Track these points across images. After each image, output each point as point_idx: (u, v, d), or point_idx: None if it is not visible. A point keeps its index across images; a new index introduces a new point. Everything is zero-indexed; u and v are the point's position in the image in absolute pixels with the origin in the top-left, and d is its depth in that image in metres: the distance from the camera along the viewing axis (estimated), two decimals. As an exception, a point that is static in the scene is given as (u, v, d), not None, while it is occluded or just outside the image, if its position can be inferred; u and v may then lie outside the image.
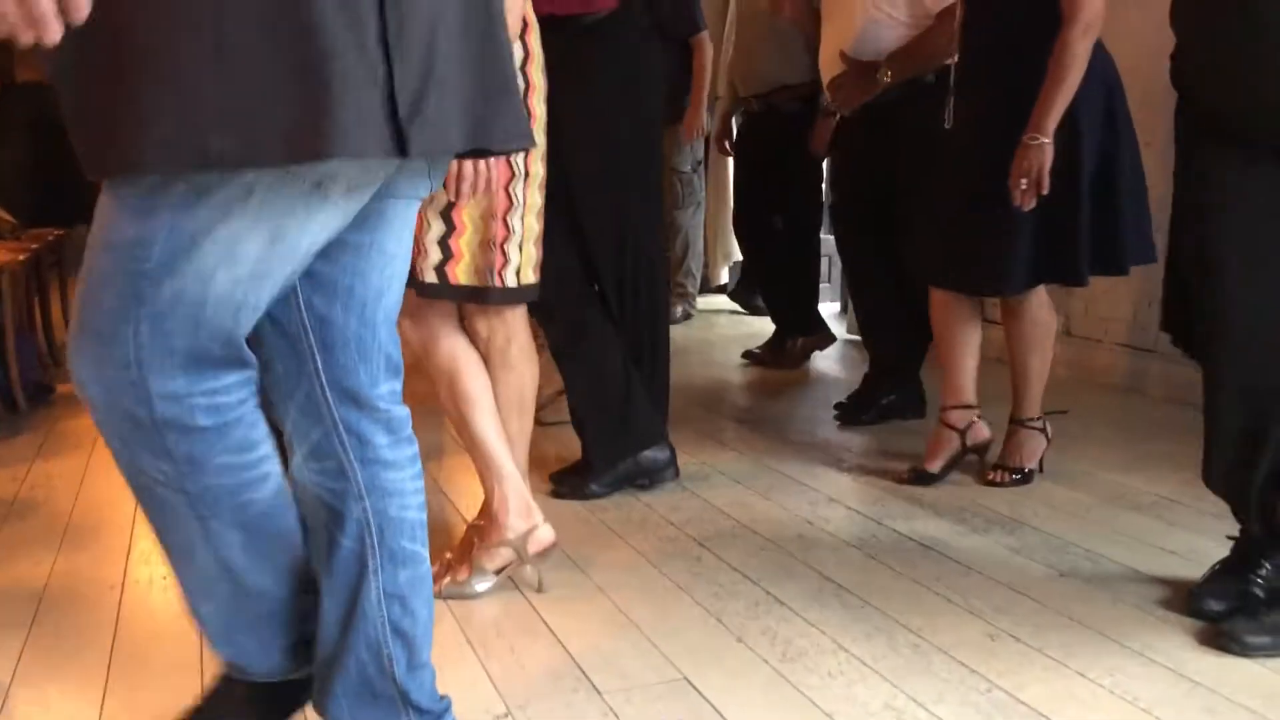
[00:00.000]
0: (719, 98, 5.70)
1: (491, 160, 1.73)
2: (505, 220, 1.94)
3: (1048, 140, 2.30)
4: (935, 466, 2.71)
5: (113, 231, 1.14)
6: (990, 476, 2.69)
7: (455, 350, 2.05)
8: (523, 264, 2.01)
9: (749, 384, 4.10)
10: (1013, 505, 2.57)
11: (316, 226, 1.19)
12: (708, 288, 6.15)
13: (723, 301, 5.96)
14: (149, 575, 2.23)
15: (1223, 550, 1.98)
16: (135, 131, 1.05)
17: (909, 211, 2.85)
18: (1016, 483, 2.67)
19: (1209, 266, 1.68)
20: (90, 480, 2.90)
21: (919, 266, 2.74)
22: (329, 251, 1.26)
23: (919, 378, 3.39)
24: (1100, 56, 2.39)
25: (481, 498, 2.14)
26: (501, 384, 2.09)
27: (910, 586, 2.11)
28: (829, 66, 3.16)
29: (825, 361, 4.36)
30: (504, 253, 1.95)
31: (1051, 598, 2.04)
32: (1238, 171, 1.64)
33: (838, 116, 3.34)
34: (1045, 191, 2.32)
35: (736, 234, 4.50)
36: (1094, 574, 2.16)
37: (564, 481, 2.69)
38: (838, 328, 4.64)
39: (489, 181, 1.74)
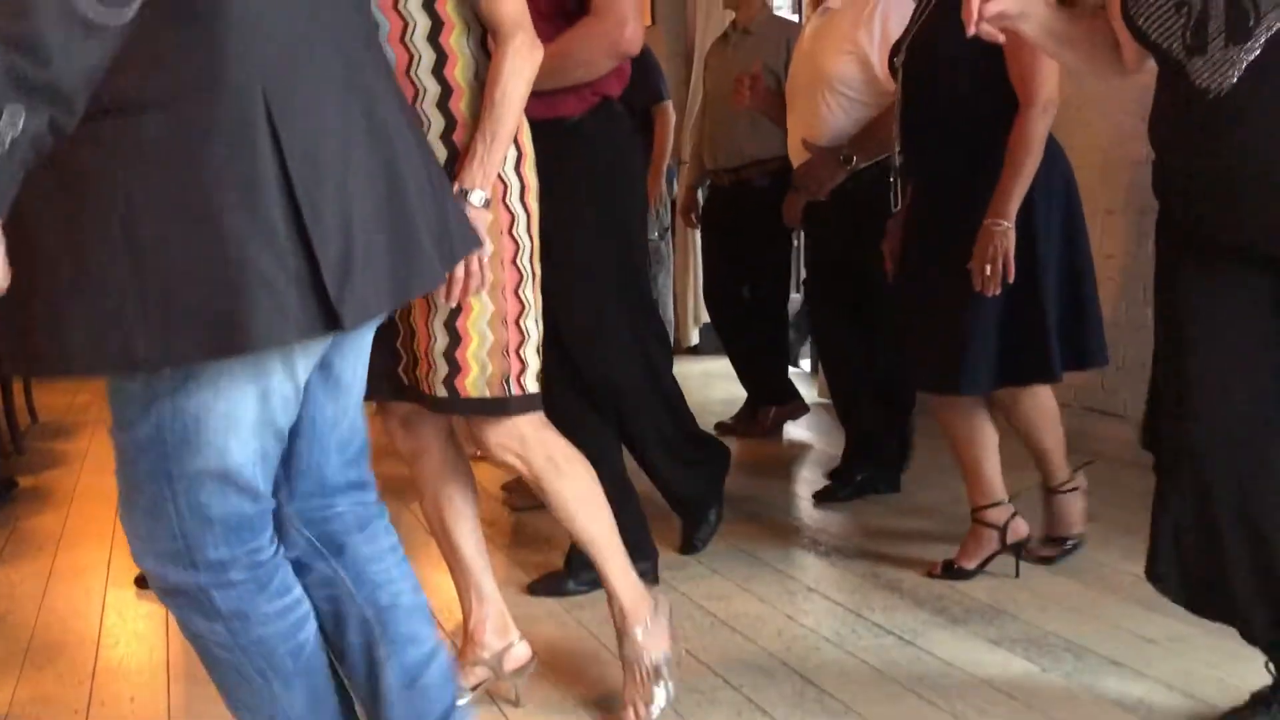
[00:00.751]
0: (682, 163, 5.76)
1: (486, 260, 1.73)
2: (519, 324, 1.85)
3: (1009, 224, 2.29)
4: (971, 564, 2.63)
5: (128, 421, 1.24)
6: (1043, 554, 2.66)
7: (445, 461, 2.02)
8: (539, 368, 1.91)
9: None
10: (990, 591, 2.56)
11: (300, 370, 1.29)
12: (679, 349, 6.16)
13: (692, 364, 5.96)
14: (115, 695, 2.17)
15: (1207, 637, 1.97)
16: (59, 337, 1.14)
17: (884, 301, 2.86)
18: (1069, 553, 2.67)
19: (1185, 392, 1.67)
20: (54, 588, 2.84)
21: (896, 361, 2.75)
22: None
23: (895, 451, 3.38)
24: (1054, 149, 2.41)
25: (454, 595, 2.10)
26: (559, 495, 1.92)
27: (892, 689, 2.09)
28: (797, 153, 3.18)
29: (797, 429, 4.35)
30: (520, 358, 1.85)
31: (1034, 698, 2.02)
32: (1218, 295, 1.63)
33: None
34: (1011, 279, 2.31)
35: (706, 303, 4.50)
36: (1075, 669, 2.14)
37: (541, 578, 2.66)
38: (809, 391, 4.64)
39: (490, 283, 1.75)
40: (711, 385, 5.46)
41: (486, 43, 1.77)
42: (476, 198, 1.72)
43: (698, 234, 5.87)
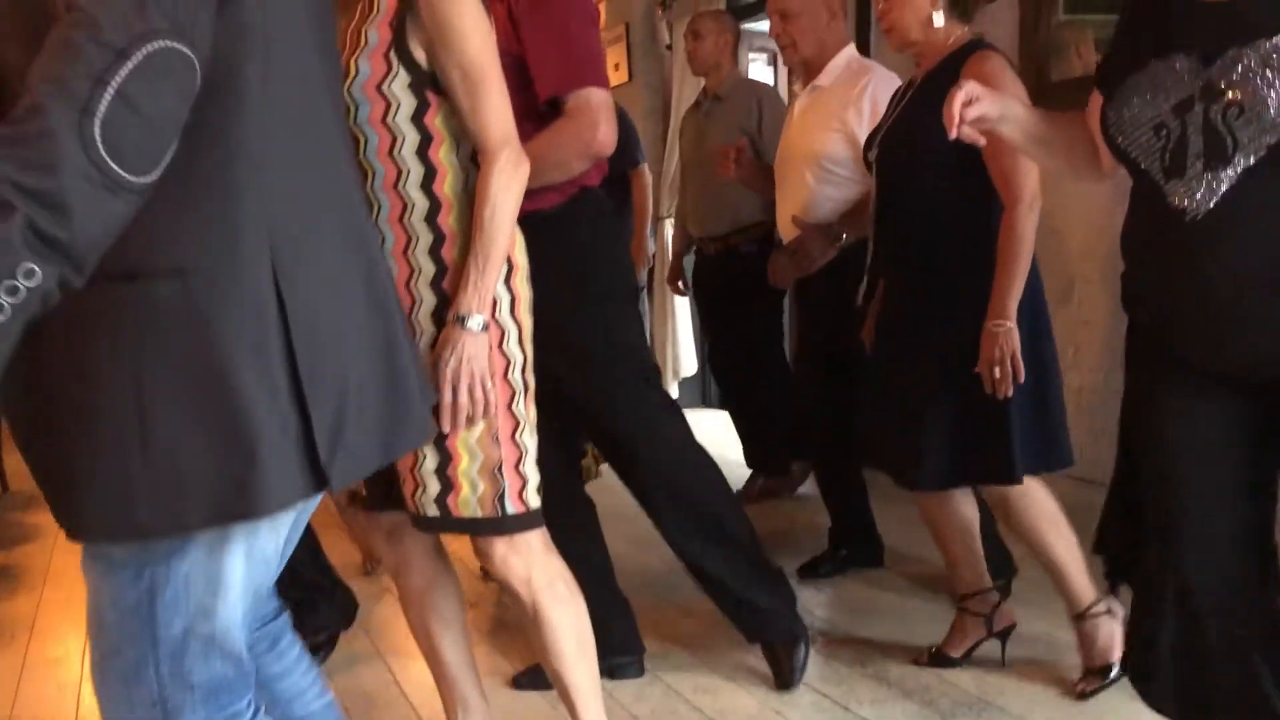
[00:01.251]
0: (659, 218, 5.78)
1: (480, 387, 1.72)
2: (514, 440, 1.82)
3: (1012, 324, 2.26)
4: (957, 653, 2.61)
5: (116, 591, 1.23)
6: (1079, 689, 2.46)
7: (430, 574, 1.99)
8: (539, 481, 1.87)
9: None
10: (978, 680, 2.55)
11: (282, 529, 1.29)
12: (657, 403, 6.15)
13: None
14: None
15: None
16: (75, 503, 1.15)
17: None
18: (1108, 685, 2.44)
19: (1171, 525, 1.67)
20: (28, 682, 2.78)
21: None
22: None
23: (874, 528, 3.38)
24: None
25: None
26: (557, 627, 1.87)
27: (884, 796, 2.07)
28: (787, 229, 3.18)
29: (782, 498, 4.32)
30: (519, 473, 1.82)
31: (1026, 805, 2.01)
32: (1199, 424, 1.63)
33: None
34: (1021, 378, 2.27)
35: (713, 372, 4.48)
36: (1066, 770, 2.13)
37: (525, 670, 2.63)
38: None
39: (485, 407, 1.73)
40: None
41: (476, 155, 1.77)
42: (475, 323, 1.71)
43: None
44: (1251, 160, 1.47)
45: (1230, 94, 1.48)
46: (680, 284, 4.50)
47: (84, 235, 0.98)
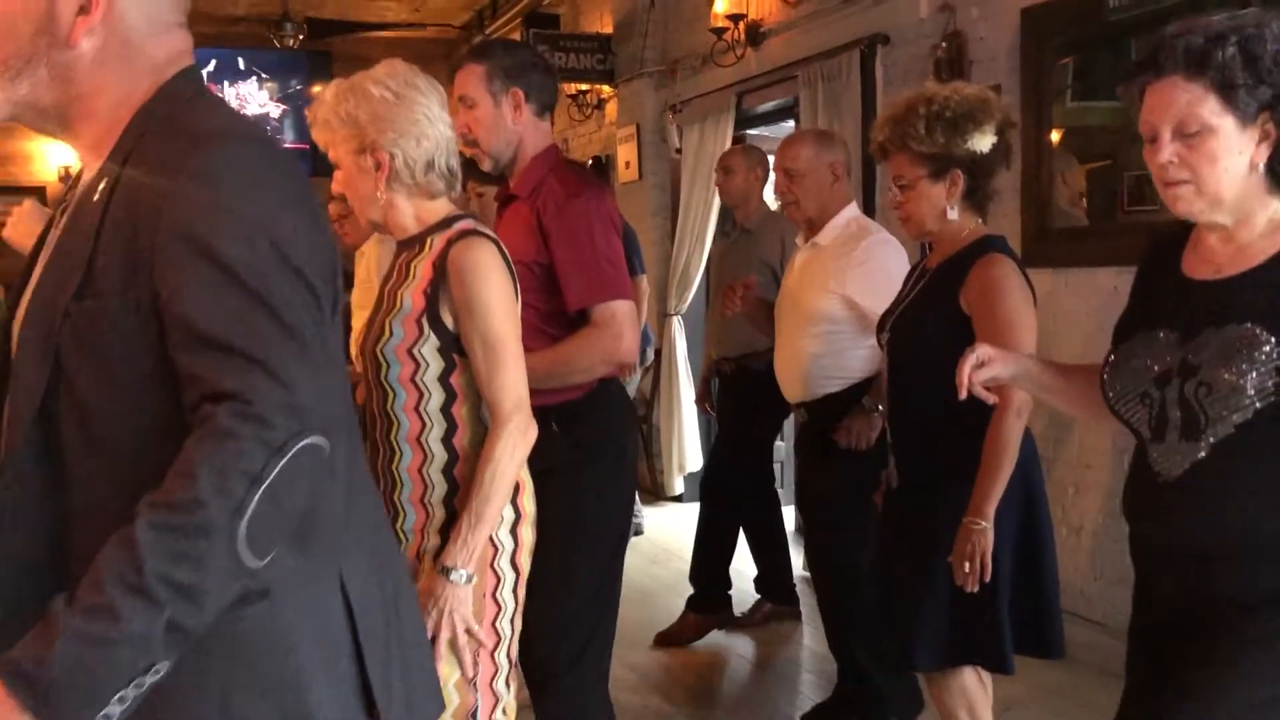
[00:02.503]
0: (666, 314, 5.90)
1: (463, 641, 1.82)
2: (491, 687, 1.88)
3: (987, 524, 2.31)
4: None
5: None
6: None
7: None
8: (510, 703, 1.93)
9: (707, 650, 4.11)
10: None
11: None
12: (661, 496, 6.25)
13: (676, 511, 6.04)
14: None
15: None
16: None
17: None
18: None
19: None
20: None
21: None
22: None
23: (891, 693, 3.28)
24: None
25: None
26: None
27: None
28: (788, 384, 3.26)
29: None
30: (493, 691, 1.88)
31: None
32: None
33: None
34: (988, 577, 2.32)
35: (701, 492, 4.55)
36: None
37: None
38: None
39: (464, 655, 1.82)
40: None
41: None
42: (457, 576, 1.80)
43: (680, 384, 6.04)
44: (1220, 437, 1.58)
45: (1201, 373, 1.59)
46: (707, 406, 4.56)
47: (206, 620, 1.03)
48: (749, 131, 5.95)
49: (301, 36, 7.47)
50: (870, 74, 4.50)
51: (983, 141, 2.37)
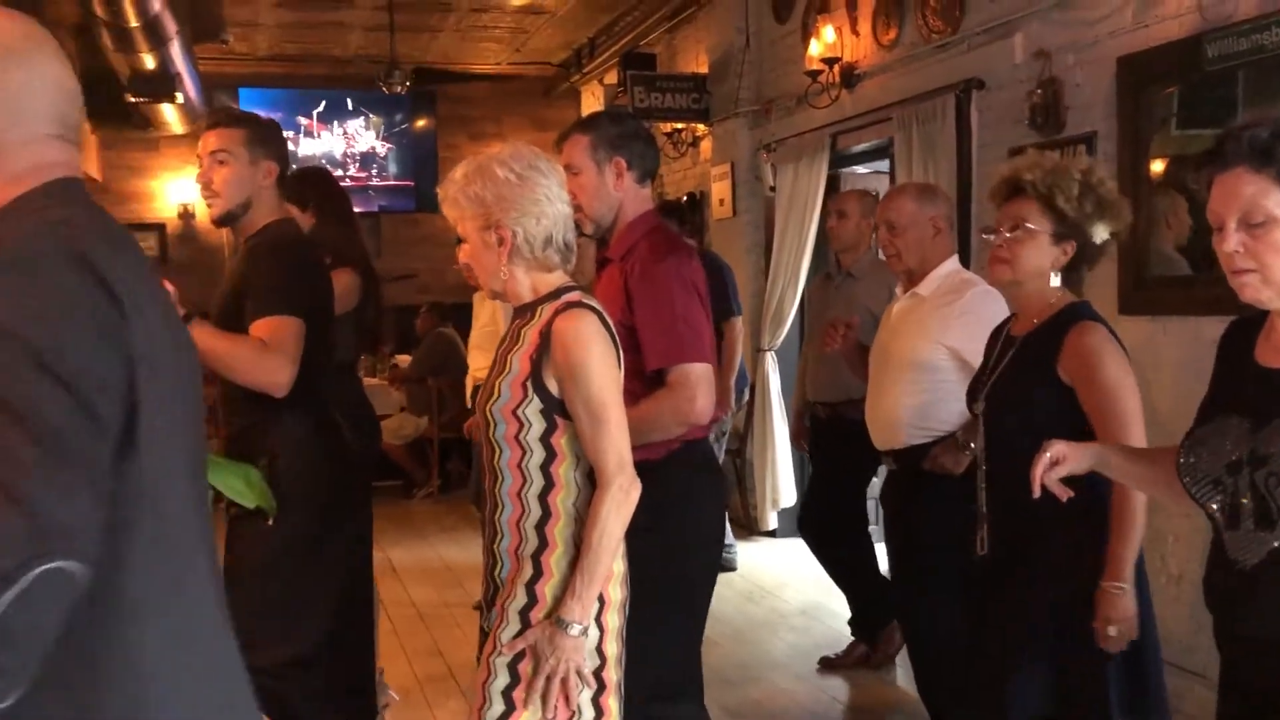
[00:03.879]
0: (760, 350, 5.95)
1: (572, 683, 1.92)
2: (594, 703, 1.99)
3: (1128, 586, 2.29)
4: None
5: None
6: None
7: None
8: None
9: (800, 690, 4.09)
10: None
11: None
12: (755, 530, 6.30)
13: (767, 548, 6.08)
14: None
15: None
16: None
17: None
18: None
19: None
20: None
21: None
22: None
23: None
24: None
25: None
26: None
27: None
28: (878, 428, 3.31)
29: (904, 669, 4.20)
30: None
31: None
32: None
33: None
34: (1135, 636, 2.31)
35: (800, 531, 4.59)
36: None
37: None
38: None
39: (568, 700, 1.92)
40: (792, 566, 5.56)
41: (592, 475, 2.00)
42: (574, 630, 1.92)
43: (773, 419, 6.09)
44: None
45: (1271, 463, 1.60)
46: (803, 443, 4.61)
47: None
48: (843, 170, 6.01)
49: (408, 83, 7.75)
50: (965, 118, 4.54)
51: (1104, 233, 2.41)
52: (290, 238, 2.83)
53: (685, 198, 7.23)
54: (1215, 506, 1.70)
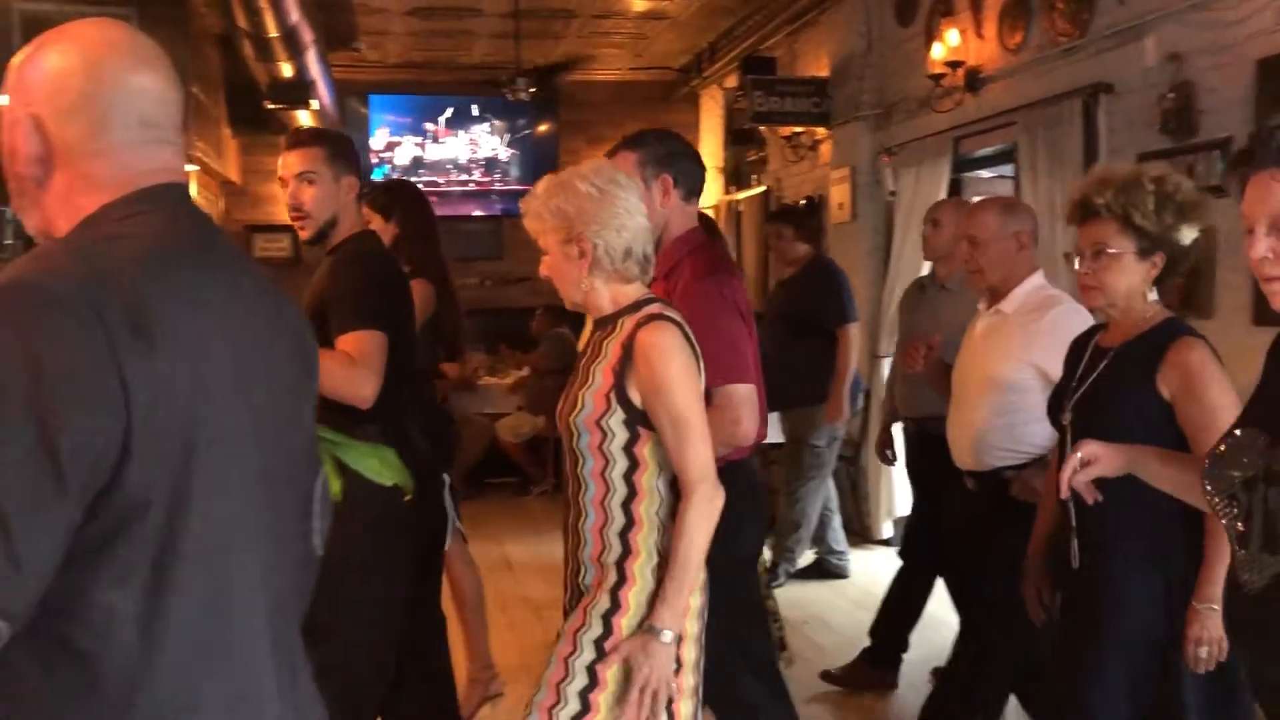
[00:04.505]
0: (876, 356, 5.89)
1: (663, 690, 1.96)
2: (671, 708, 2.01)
3: (1218, 607, 2.19)
4: None
5: None
6: None
7: None
8: None
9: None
10: None
11: None
12: (869, 538, 6.25)
13: (881, 556, 6.01)
14: None
15: None
16: None
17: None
18: None
19: None
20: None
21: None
22: None
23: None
24: None
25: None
26: None
27: None
28: (960, 450, 3.21)
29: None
30: None
31: None
32: None
33: None
34: (1224, 657, 2.27)
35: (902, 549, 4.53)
36: None
37: None
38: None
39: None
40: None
41: (675, 483, 2.03)
42: (666, 637, 1.96)
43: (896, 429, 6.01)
44: None
45: None
46: (888, 453, 4.56)
47: None
48: (965, 175, 5.91)
49: (532, 89, 7.89)
50: (1093, 123, 4.42)
51: (1191, 234, 2.33)
52: (372, 251, 2.84)
53: (804, 201, 7.21)
54: (1231, 522, 1.62)
